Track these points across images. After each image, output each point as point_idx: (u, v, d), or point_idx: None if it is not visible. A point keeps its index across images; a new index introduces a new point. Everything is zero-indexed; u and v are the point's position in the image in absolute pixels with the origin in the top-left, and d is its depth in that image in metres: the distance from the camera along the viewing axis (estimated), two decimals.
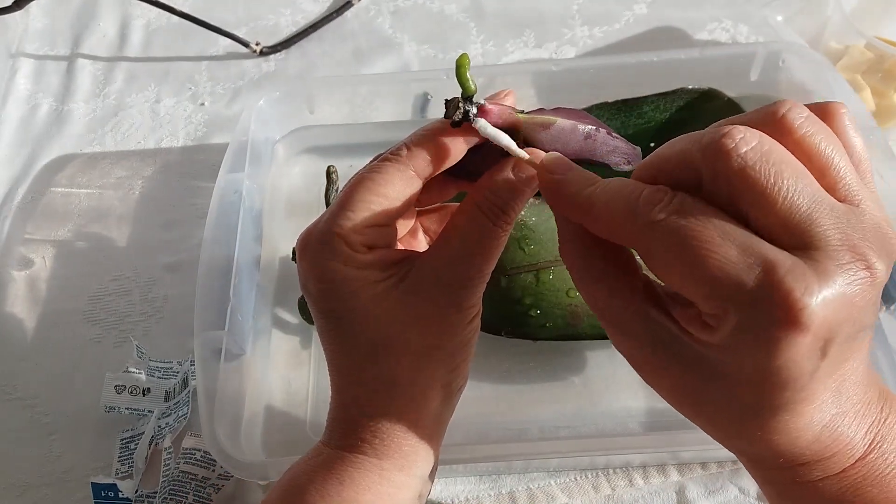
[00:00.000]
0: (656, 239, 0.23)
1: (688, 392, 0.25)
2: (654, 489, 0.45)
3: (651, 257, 0.23)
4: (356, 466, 0.29)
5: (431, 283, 0.29)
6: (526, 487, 0.45)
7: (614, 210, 0.24)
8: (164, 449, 0.46)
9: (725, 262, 0.21)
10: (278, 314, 0.52)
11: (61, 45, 0.69)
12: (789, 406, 0.22)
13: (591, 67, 0.54)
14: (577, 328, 0.46)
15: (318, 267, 0.29)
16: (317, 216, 0.55)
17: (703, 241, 0.22)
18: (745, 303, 0.21)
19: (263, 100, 0.54)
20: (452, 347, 0.30)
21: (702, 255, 0.22)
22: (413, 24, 0.68)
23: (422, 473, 0.31)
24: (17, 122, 0.64)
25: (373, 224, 0.29)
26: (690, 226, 0.22)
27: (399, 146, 0.30)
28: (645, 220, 0.23)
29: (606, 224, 0.25)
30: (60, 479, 0.48)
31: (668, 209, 0.23)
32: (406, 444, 0.30)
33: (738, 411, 0.24)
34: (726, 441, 0.26)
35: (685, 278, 0.22)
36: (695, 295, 0.22)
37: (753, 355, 0.22)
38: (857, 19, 0.56)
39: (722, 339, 0.22)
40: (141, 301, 0.54)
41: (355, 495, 0.29)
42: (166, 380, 0.49)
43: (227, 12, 0.69)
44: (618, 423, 0.47)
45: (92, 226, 0.58)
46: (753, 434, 0.24)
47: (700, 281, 0.22)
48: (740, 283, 0.21)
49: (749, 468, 0.27)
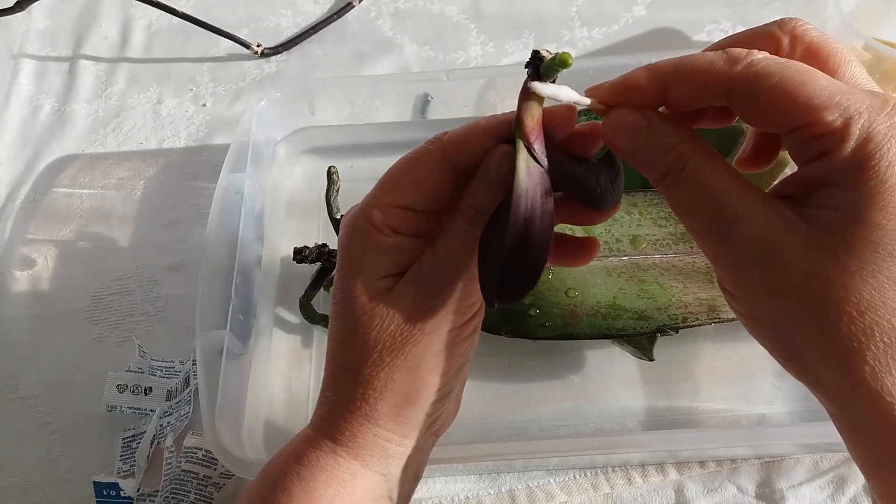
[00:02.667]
0: (759, 75, 0.24)
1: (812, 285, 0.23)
2: (653, 488, 0.45)
3: (754, 96, 0.24)
4: (317, 447, 0.30)
5: (414, 285, 0.29)
6: (525, 486, 0.46)
7: (707, 62, 0.25)
8: (166, 448, 0.46)
9: (834, 81, 0.23)
10: (279, 314, 0.52)
11: (63, 46, 0.69)
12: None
13: (590, 69, 0.55)
14: (576, 328, 0.46)
15: (344, 239, 0.30)
16: (318, 217, 0.56)
17: (810, 69, 0.23)
18: (866, 108, 0.22)
19: (265, 101, 0.54)
20: (422, 353, 0.29)
21: (815, 73, 0.23)
22: (413, 25, 0.68)
23: (384, 472, 0.30)
24: (19, 122, 0.65)
25: (398, 205, 0.28)
26: (792, 62, 0.24)
27: (440, 134, 0.30)
28: (746, 61, 0.24)
29: (701, 72, 0.25)
30: (62, 477, 0.48)
31: (763, 53, 0.24)
32: (360, 436, 0.29)
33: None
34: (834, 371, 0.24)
35: (799, 98, 0.23)
36: (813, 111, 0.23)
37: (879, 159, 0.22)
38: (856, 20, 0.56)
39: (849, 151, 0.23)
40: (143, 301, 0.54)
41: (311, 474, 0.29)
42: (168, 379, 0.50)
43: (229, 14, 0.70)
44: (616, 422, 0.47)
45: (94, 226, 0.58)
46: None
47: (817, 93, 0.23)
48: (856, 93, 0.23)
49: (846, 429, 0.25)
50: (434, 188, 0.29)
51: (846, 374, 0.23)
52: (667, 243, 0.48)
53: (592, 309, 0.46)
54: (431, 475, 0.46)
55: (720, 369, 0.48)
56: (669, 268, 0.47)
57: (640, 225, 0.48)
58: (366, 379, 0.29)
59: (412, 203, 0.29)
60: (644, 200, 0.49)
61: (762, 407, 0.47)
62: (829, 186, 0.23)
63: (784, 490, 0.45)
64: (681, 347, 0.48)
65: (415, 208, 0.29)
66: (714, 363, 0.48)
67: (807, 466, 0.45)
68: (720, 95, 0.25)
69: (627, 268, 0.47)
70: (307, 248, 0.51)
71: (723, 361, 0.48)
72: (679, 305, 0.46)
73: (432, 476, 0.46)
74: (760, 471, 0.45)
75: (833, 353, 0.23)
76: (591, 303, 0.46)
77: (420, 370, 0.29)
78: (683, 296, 0.46)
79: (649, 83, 0.27)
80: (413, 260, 0.29)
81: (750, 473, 0.45)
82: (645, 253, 0.48)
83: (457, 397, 0.33)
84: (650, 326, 0.46)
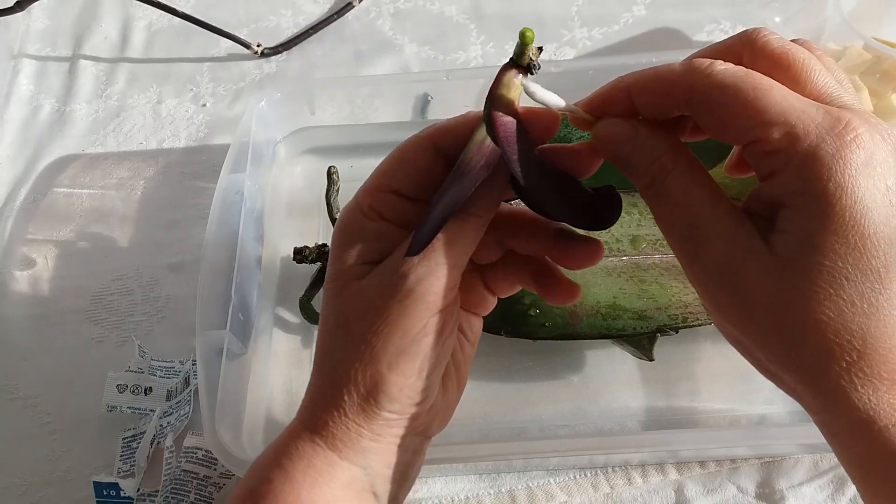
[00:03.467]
0: (715, 86, 0.24)
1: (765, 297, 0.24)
2: (653, 488, 0.45)
3: (709, 106, 0.24)
4: (298, 437, 0.29)
5: (381, 276, 0.28)
6: (525, 486, 0.46)
7: (669, 71, 0.25)
8: (166, 448, 0.46)
9: (790, 95, 0.23)
10: (279, 314, 0.52)
11: (63, 47, 0.69)
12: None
13: (590, 69, 0.55)
14: (576, 328, 0.46)
15: (335, 227, 0.30)
16: (318, 217, 0.56)
17: (766, 81, 0.24)
18: (814, 127, 0.22)
19: (265, 101, 0.54)
20: (384, 347, 0.28)
21: (769, 88, 0.23)
22: (413, 25, 0.68)
23: (363, 464, 0.29)
24: (19, 122, 0.65)
25: (385, 188, 0.29)
26: (752, 73, 0.24)
27: (434, 123, 0.30)
28: (704, 72, 0.24)
29: (662, 82, 0.26)
30: (62, 477, 0.48)
31: (725, 64, 0.24)
32: (333, 426, 0.29)
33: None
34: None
35: (750, 112, 0.23)
36: (761, 127, 0.23)
37: (826, 181, 0.22)
38: (856, 20, 0.56)
39: (795, 171, 0.23)
40: (143, 301, 0.54)
41: (290, 463, 0.29)
42: (168, 379, 0.50)
43: (229, 14, 0.70)
44: (616, 422, 0.47)
45: (94, 226, 0.58)
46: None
47: (767, 108, 0.23)
48: (807, 111, 0.23)
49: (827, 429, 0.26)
50: (422, 173, 0.29)
51: (815, 389, 0.24)
52: (667, 243, 0.48)
53: (592, 309, 0.46)
54: (431, 475, 0.46)
55: (720, 369, 0.48)
56: (669, 268, 0.47)
57: (640, 225, 0.48)
58: (335, 368, 0.29)
59: (399, 187, 0.29)
60: (644, 200, 0.49)
61: (762, 407, 0.47)
62: (784, 207, 0.24)
63: (784, 490, 0.45)
64: (681, 347, 0.48)
65: (402, 192, 0.29)
66: (714, 363, 0.48)
67: (807, 466, 0.45)
68: (682, 105, 0.25)
69: (627, 268, 0.47)
70: (307, 248, 0.51)
71: (723, 361, 0.48)
72: (679, 305, 0.46)
73: (432, 476, 0.46)
74: (760, 471, 0.45)
75: (799, 372, 0.24)
76: (591, 303, 0.46)
77: (380, 365, 0.28)
78: (683, 296, 0.46)
79: (617, 94, 0.27)
80: (394, 249, 0.29)
81: (750, 473, 0.45)
82: (645, 253, 0.48)
83: (449, 400, 0.32)
84: (650, 326, 0.46)
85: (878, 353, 0.23)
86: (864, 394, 0.23)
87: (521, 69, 0.28)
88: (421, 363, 0.28)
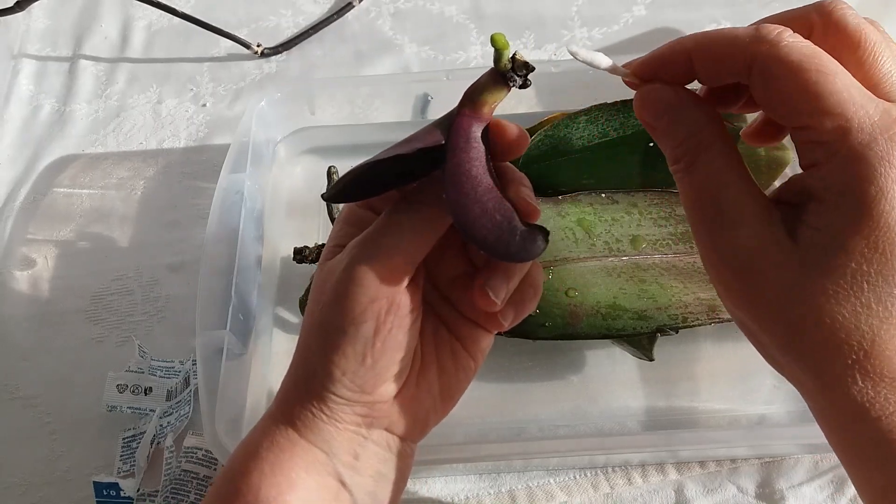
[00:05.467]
0: (778, 60, 0.23)
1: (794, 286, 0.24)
2: (653, 488, 0.45)
3: (767, 80, 0.23)
4: (268, 417, 0.31)
5: (344, 252, 0.30)
6: (525, 486, 0.46)
7: (734, 35, 0.25)
8: (166, 448, 0.46)
9: (852, 86, 0.22)
10: (279, 314, 0.52)
11: (63, 46, 0.69)
12: None
13: (590, 68, 0.55)
14: (576, 328, 0.46)
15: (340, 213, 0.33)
16: (317, 217, 0.56)
17: (832, 66, 0.23)
18: (869, 125, 0.22)
19: (265, 101, 0.54)
20: (334, 325, 0.28)
21: (833, 74, 0.22)
22: (413, 25, 0.68)
23: (324, 447, 0.29)
24: (19, 122, 0.65)
25: None
26: (819, 54, 0.23)
27: None
28: (771, 41, 0.23)
29: (725, 46, 0.25)
30: (62, 477, 0.48)
31: (794, 37, 0.23)
32: (292, 402, 0.30)
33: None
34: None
35: (808, 96, 0.22)
36: (815, 114, 0.22)
37: (868, 183, 0.22)
38: None
39: (838, 168, 0.22)
40: (143, 301, 0.54)
41: (255, 439, 0.30)
42: (168, 379, 0.50)
43: (229, 14, 0.69)
44: (616, 422, 0.47)
45: (94, 226, 0.58)
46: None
47: (825, 96, 0.22)
48: (866, 107, 0.22)
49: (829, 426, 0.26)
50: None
51: (817, 378, 0.24)
52: (667, 243, 0.48)
53: (592, 309, 0.46)
54: (431, 475, 0.46)
55: (720, 369, 0.48)
56: (669, 268, 0.47)
57: (640, 225, 0.48)
58: (304, 350, 0.30)
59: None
60: (644, 200, 0.49)
61: (762, 407, 0.47)
62: (818, 201, 0.23)
63: (784, 490, 0.45)
64: (681, 347, 0.48)
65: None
66: (714, 363, 0.48)
67: (807, 466, 0.45)
68: (741, 72, 0.25)
69: (627, 268, 0.47)
70: (307, 248, 0.51)
71: (723, 361, 0.48)
72: (679, 305, 0.46)
73: (432, 476, 0.46)
74: (760, 471, 0.45)
75: (803, 360, 0.24)
76: (591, 303, 0.46)
77: (325, 344, 0.28)
78: (683, 296, 0.46)
79: (674, 56, 0.26)
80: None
81: (750, 473, 0.45)
82: (645, 253, 0.48)
83: (424, 405, 0.32)
84: (650, 326, 0.46)
85: (884, 355, 0.23)
86: (863, 388, 0.23)
87: (498, 75, 0.28)
88: (362, 348, 0.28)
